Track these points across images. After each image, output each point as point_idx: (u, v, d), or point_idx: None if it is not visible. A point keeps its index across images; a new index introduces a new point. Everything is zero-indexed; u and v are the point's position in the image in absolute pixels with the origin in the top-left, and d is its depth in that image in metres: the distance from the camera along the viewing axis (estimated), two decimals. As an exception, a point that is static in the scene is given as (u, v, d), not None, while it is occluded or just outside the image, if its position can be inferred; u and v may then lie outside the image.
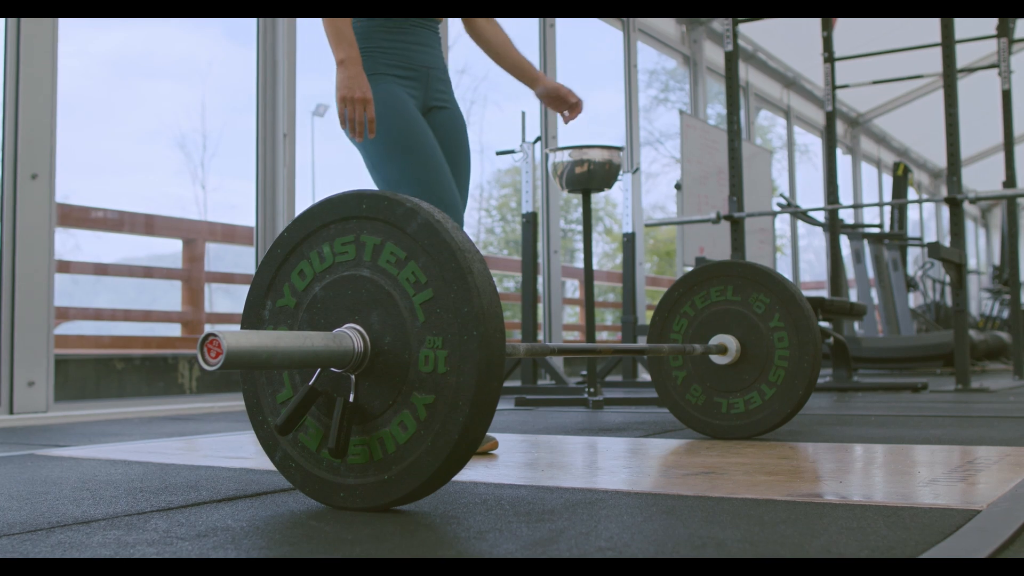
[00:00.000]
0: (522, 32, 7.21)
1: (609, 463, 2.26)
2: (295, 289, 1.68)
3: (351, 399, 1.58)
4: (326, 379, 1.62)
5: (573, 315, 10.61)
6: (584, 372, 6.91)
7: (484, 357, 1.48)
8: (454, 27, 6.21)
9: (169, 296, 7.07)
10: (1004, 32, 6.34)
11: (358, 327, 1.59)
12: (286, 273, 1.69)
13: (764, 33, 9.36)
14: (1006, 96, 6.43)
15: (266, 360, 1.47)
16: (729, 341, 2.80)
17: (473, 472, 2.12)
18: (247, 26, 5.21)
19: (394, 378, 1.55)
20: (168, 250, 7.13)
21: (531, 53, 7.04)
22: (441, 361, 1.51)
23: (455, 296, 1.50)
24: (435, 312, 1.52)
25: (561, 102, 2.78)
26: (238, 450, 2.69)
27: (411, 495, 1.54)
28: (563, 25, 7.03)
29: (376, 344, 1.57)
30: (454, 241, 1.52)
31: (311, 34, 5.37)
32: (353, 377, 1.59)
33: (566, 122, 2.82)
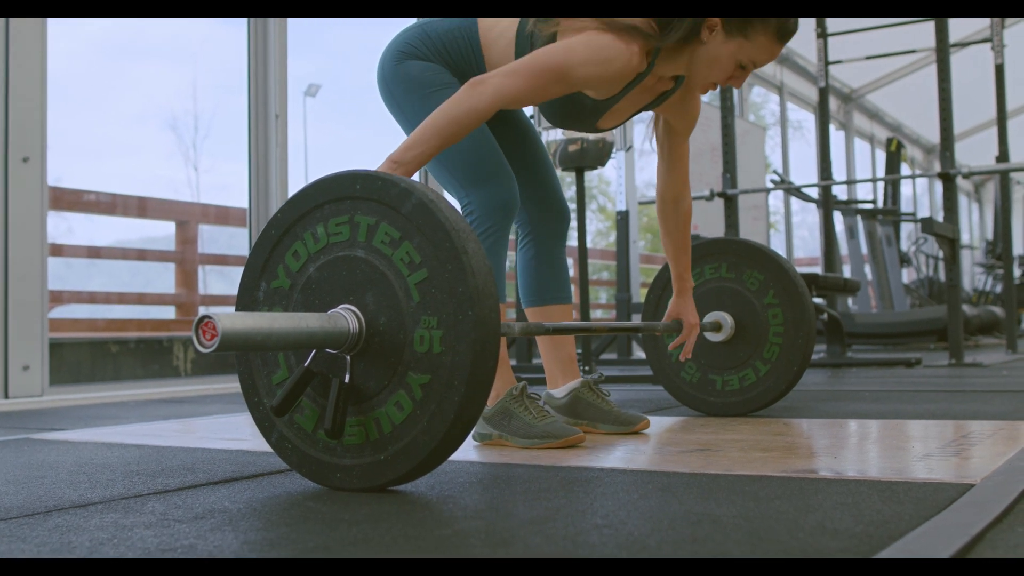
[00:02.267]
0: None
1: (604, 440, 2.26)
2: (289, 270, 1.67)
3: (347, 380, 1.58)
4: (322, 360, 1.62)
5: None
6: (579, 351, 6.92)
7: (479, 336, 1.49)
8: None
9: (163, 278, 7.06)
10: (997, 6, 6.33)
11: (353, 308, 1.59)
12: (280, 254, 1.69)
13: (756, 9, 9.31)
14: (999, 71, 6.42)
15: (261, 342, 1.47)
16: (724, 318, 2.81)
17: (469, 452, 2.12)
18: (237, 6, 5.18)
19: (389, 358, 1.55)
20: (161, 232, 7.13)
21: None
22: (436, 341, 1.51)
23: (450, 276, 1.50)
24: (430, 292, 1.52)
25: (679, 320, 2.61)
26: (234, 432, 2.69)
27: (408, 475, 1.55)
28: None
29: (371, 324, 1.57)
30: (448, 221, 1.52)
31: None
32: (348, 358, 1.59)
33: (670, 347, 2.69)
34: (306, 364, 1.61)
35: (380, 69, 2.35)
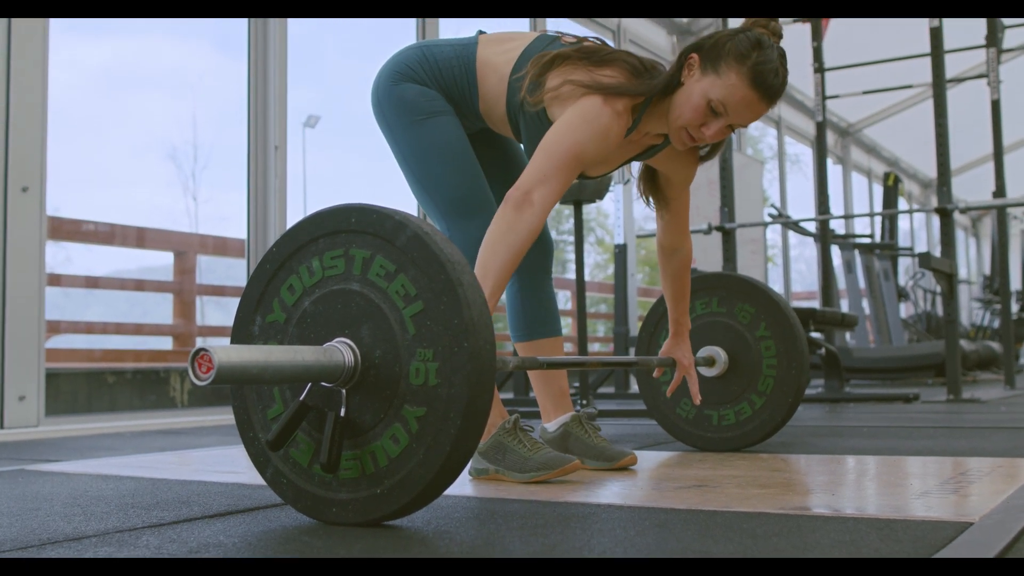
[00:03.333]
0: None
1: (601, 476, 2.25)
2: (284, 304, 1.67)
3: (342, 413, 1.57)
4: (317, 394, 1.61)
5: (565, 326, 10.61)
6: (577, 384, 6.91)
7: (475, 368, 1.48)
8: (445, 35, 6.22)
9: (160, 308, 7.06)
10: (992, 42, 6.37)
11: (348, 341, 1.58)
12: (275, 288, 1.69)
13: (754, 44, 9.37)
14: (995, 106, 6.45)
15: (257, 375, 1.47)
16: (717, 353, 2.81)
17: (466, 487, 2.12)
18: (238, 38, 5.21)
19: (385, 391, 1.55)
20: (159, 262, 7.13)
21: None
22: (432, 373, 1.51)
23: (445, 308, 1.50)
24: (425, 324, 1.52)
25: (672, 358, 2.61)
26: (230, 464, 2.68)
27: (404, 508, 1.54)
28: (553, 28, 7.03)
29: (367, 358, 1.57)
30: (443, 253, 1.52)
31: (302, 45, 5.37)
32: (344, 391, 1.58)
33: (668, 393, 2.71)
34: (301, 398, 1.60)
35: (375, 88, 2.37)
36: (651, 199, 2.49)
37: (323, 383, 1.59)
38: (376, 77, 2.37)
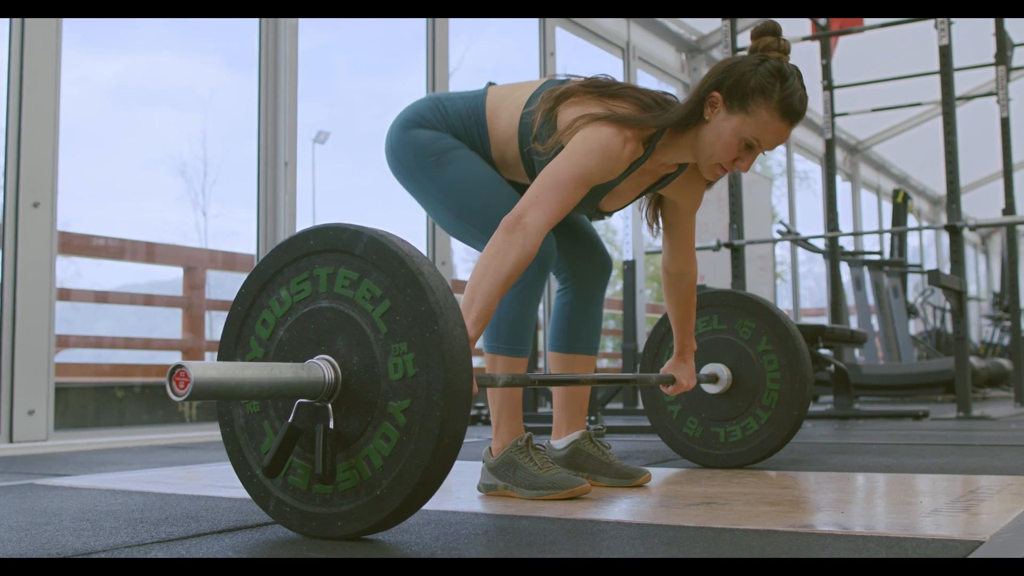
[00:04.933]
0: (523, 63, 7.24)
1: (609, 493, 2.25)
2: (261, 340, 1.71)
3: (331, 425, 1.58)
4: (305, 416, 1.63)
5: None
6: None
7: (449, 348, 1.51)
8: (455, 55, 6.25)
9: (170, 323, 7.07)
10: (1002, 60, 6.37)
11: (327, 356, 1.61)
12: (250, 327, 1.73)
13: (763, 61, 9.38)
14: (1005, 124, 6.45)
15: (234, 389, 1.49)
16: (720, 370, 2.80)
17: (475, 503, 2.11)
18: (248, 54, 5.23)
19: (368, 395, 1.57)
20: (169, 276, 7.14)
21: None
22: (409, 364, 1.53)
23: (411, 299, 1.54)
24: (395, 320, 1.56)
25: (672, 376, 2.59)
26: (238, 479, 2.68)
27: (405, 503, 1.53)
28: (563, 52, 7.07)
29: (346, 367, 1.60)
30: (400, 249, 1.57)
31: (312, 61, 5.40)
32: (330, 406, 1.60)
33: (666, 391, 2.65)
34: (290, 420, 1.62)
35: (389, 139, 2.36)
36: (657, 226, 2.49)
37: (308, 400, 1.60)
38: (388, 129, 2.37)
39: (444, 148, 2.28)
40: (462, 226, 2.28)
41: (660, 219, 2.49)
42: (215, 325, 7.16)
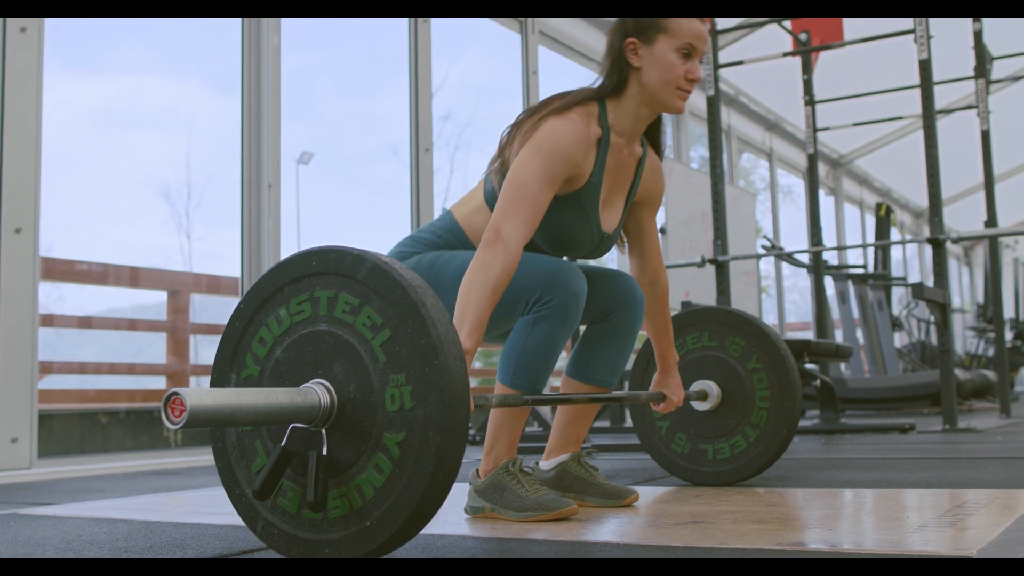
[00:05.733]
0: (506, 82, 7.26)
1: (597, 513, 2.24)
2: (257, 358, 1.69)
3: (324, 452, 1.57)
4: (298, 439, 1.62)
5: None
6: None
7: (448, 383, 1.49)
8: (438, 74, 6.26)
9: (154, 347, 7.03)
10: (981, 73, 6.41)
11: (323, 381, 1.60)
12: (247, 344, 1.70)
13: (745, 77, 9.44)
14: (985, 136, 6.49)
15: (230, 416, 1.47)
16: (709, 387, 2.80)
17: (462, 526, 2.11)
18: (231, 75, 5.23)
19: (363, 424, 1.56)
20: (153, 300, 7.10)
21: (515, 104, 7.08)
22: (407, 396, 1.52)
23: (412, 331, 1.52)
24: (395, 350, 1.54)
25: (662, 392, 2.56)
26: (224, 505, 2.66)
27: (396, 535, 1.52)
28: (545, 70, 7.09)
29: (342, 394, 1.58)
30: (404, 279, 1.55)
31: (295, 82, 5.39)
32: (324, 431, 1.58)
33: (658, 409, 2.59)
34: (282, 443, 1.60)
35: None
36: (622, 240, 2.49)
37: (303, 425, 1.59)
38: None
39: (431, 261, 2.28)
40: (500, 307, 2.20)
41: (626, 231, 2.49)
42: (200, 349, 7.13)
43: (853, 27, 7.15)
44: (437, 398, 1.49)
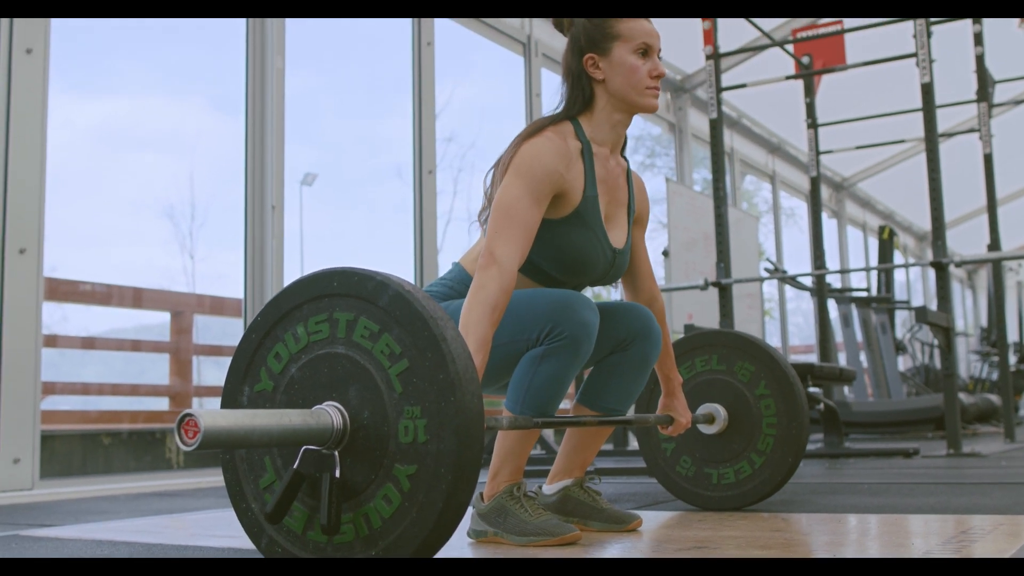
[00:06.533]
0: (509, 105, 7.28)
1: (600, 538, 2.23)
2: (272, 372, 1.68)
3: (336, 475, 1.56)
4: (309, 461, 1.61)
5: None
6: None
7: (463, 422, 1.49)
8: (441, 96, 6.27)
9: (157, 367, 7.02)
10: (983, 97, 6.43)
11: (336, 404, 1.59)
12: (262, 357, 1.70)
13: (748, 100, 9.47)
14: (987, 160, 6.50)
15: (243, 438, 1.47)
16: (716, 410, 2.79)
17: (464, 549, 2.10)
18: (235, 97, 5.25)
19: (375, 452, 1.55)
20: (156, 320, 7.11)
21: (518, 126, 7.10)
22: (421, 430, 1.51)
23: (430, 364, 1.51)
24: (412, 382, 1.53)
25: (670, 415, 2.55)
26: (225, 528, 2.65)
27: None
28: (549, 92, 7.10)
29: (355, 419, 1.57)
30: (426, 310, 1.54)
31: (299, 103, 5.41)
32: (336, 453, 1.58)
33: (665, 432, 2.59)
34: (295, 466, 1.60)
35: None
36: None
37: (315, 447, 1.58)
38: None
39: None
40: (512, 345, 2.19)
41: None
42: (203, 370, 7.13)
43: (855, 51, 7.17)
44: (452, 435, 1.48)
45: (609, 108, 2.30)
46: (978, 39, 6.37)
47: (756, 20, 5.97)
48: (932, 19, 5.44)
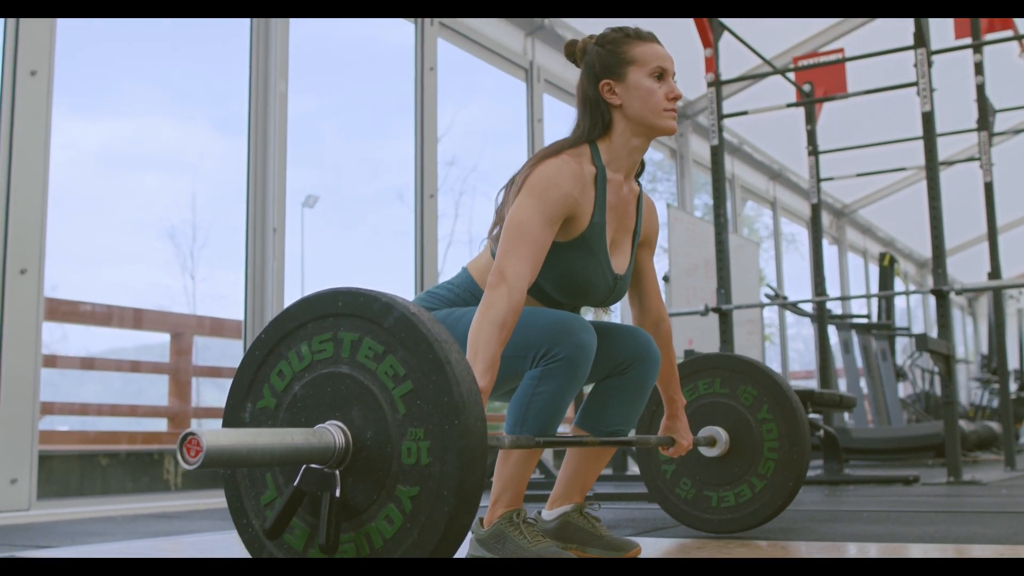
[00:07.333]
0: (512, 129, 7.30)
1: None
2: (275, 390, 1.68)
3: (337, 494, 1.56)
4: (311, 478, 1.61)
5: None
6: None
7: (466, 445, 1.49)
8: (443, 119, 6.29)
9: (156, 388, 7.02)
10: (984, 126, 6.44)
11: (339, 423, 1.59)
12: (265, 374, 1.70)
13: (750, 127, 9.49)
14: (988, 188, 6.50)
15: (246, 457, 1.47)
16: (718, 433, 2.79)
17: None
18: (237, 119, 5.26)
19: (377, 472, 1.55)
20: (156, 340, 7.10)
21: (520, 150, 7.12)
22: (424, 452, 1.51)
23: (434, 387, 1.51)
24: (415, 404, 1.53)
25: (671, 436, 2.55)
26: (224, 552, 2.64)
27: None
28: (550, 119, 7.13)
29: (358, 439, 1.57)
30: (431, 333, 1.54)
31: (301, 125, 5.42)
32: (338, 472, 1.58)
33: (667, 453, 2.58)
34: (296, 483, 1.59)
35: None
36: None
37: (316, 466, 1.58)
38: None
39: (442, 318, 2.28)
40: (508, 362, 2.18)
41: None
42: (202, 389, 7.12)
43: (856, 79, 7.20)
44: (455, 458, 1.48)
45: (628, 133, 2.30)
46: (979, 68, 6.40)
47: (757, 48, 6.00)
48: (933, 50, 5.46)
